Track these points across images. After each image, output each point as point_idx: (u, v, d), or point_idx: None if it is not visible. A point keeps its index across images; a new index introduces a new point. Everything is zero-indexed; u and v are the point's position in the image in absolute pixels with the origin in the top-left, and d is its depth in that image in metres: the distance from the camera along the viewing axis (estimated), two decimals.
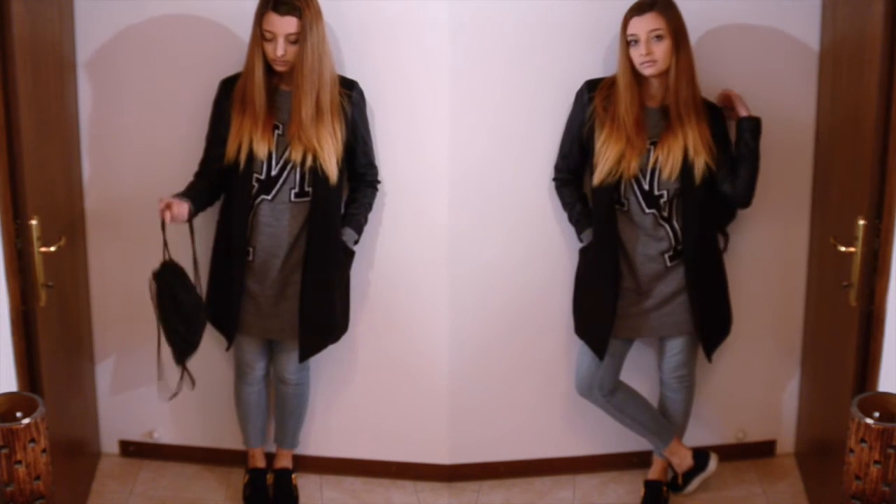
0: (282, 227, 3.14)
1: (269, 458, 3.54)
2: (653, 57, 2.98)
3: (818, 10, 3.23)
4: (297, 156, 3.08)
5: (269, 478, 3.48)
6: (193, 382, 3.17)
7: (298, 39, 2.96)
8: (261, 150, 3.07)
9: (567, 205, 3.27)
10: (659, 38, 2.97)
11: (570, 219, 3.27)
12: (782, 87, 3.30)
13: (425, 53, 3.22)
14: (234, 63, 3.08)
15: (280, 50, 2.96)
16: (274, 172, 3.10)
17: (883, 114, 2.67)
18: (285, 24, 2.94)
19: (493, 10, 3.19)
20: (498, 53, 3.24)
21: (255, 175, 3.10)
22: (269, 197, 3.12)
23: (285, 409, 3.44)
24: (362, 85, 3.17)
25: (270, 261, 3.16)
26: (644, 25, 2.96)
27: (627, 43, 3.00)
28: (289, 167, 3.10)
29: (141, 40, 3.22)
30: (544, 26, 3.21)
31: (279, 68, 3.02)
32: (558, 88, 3.22)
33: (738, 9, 3.22)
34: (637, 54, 2.99)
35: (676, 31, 2.98)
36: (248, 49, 3.01)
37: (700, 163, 3.06)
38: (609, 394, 3.29)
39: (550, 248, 3.38)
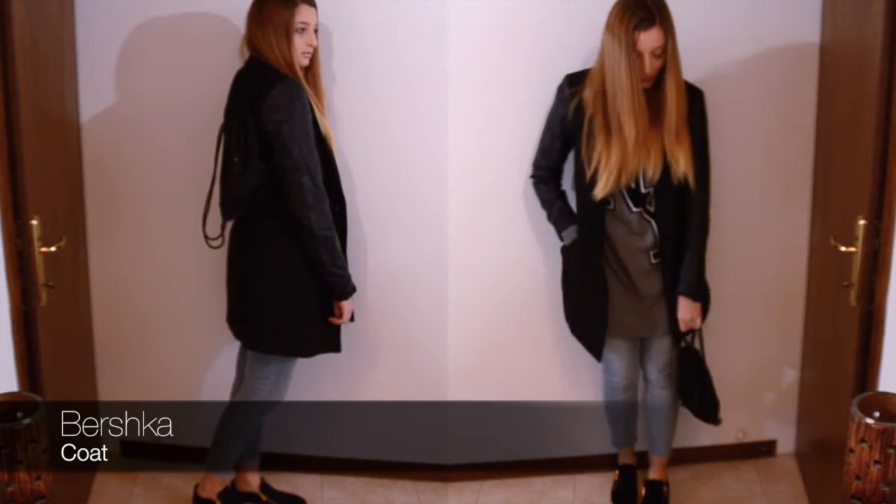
0: None
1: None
2: (653, 73, 2.94)
3: (818, 10, 3.22)
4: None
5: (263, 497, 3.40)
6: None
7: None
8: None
9: (546, 202, 3.21)
10: (660, 55, 2.93)
11: (550, 217, 3.22)
12: (782, 87, 3.30)
13: (423, 52, 3.21)
14: (234, 63, 3.08)
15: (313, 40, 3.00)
16: None
17: (883, 114, 2.67)
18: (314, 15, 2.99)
19: (492, 7, 3.19)
20: (497, 51, 3.23)
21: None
22: None
23: None
24: (360, 83, 3.17)
25: None
26: (650, 42, 2.89)
27: (638, 54, 2.90)
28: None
29: (142, 40, 3.21)
30: (544, 25, 3.20)
31: (305, 62, 3.01)
32: (557, 85, 3.21)
33: (738, 9, 3.21)
34: (640, 68, 2.91)
35: (673, 40, 2.93)
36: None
37: (678, 167, 3.02)
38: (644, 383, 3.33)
39: (551, 246, 3.38)
